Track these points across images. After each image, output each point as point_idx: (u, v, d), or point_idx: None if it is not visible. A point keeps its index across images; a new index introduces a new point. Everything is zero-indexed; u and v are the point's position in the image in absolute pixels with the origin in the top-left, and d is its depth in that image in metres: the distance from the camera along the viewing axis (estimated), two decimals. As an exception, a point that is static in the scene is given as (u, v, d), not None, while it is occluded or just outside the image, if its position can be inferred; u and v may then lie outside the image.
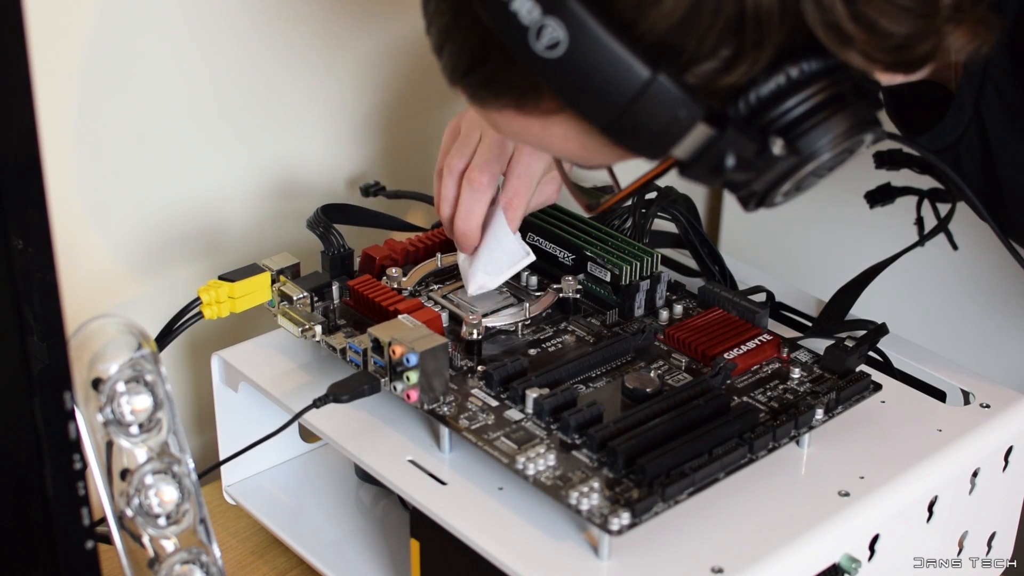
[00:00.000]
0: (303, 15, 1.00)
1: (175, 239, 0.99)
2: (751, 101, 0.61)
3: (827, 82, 0.62)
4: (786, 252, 1.32)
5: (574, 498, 0.69)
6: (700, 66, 0.60)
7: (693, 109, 0.60)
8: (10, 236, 0.54)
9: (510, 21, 0.58)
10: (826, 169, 0.65)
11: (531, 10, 0.58)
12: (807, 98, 0.61)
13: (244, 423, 0.87)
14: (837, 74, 0.62)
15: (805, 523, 0.73)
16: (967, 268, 1.17)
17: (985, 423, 0.82)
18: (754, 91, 0.61)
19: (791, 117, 0.62)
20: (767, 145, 0.62)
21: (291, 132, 1.04)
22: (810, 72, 0.61)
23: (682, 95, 0.59)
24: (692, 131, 0.61)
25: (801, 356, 0.83)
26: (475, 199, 0.85)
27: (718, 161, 0.62)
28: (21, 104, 0.52)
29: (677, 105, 0.60)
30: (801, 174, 0.63)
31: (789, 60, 0.61)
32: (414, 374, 0.75)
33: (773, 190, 0.64)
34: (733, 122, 0.61)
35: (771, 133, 0.62)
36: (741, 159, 0.62)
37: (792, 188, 0.65)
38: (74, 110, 0.90)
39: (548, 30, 0.58)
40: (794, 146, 0.62)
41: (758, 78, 0.61)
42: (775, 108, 0.61)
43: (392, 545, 0.85)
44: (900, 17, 0.61)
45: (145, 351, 0.65)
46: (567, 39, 0.58)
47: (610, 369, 0.82)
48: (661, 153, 0.63)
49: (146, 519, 0.66)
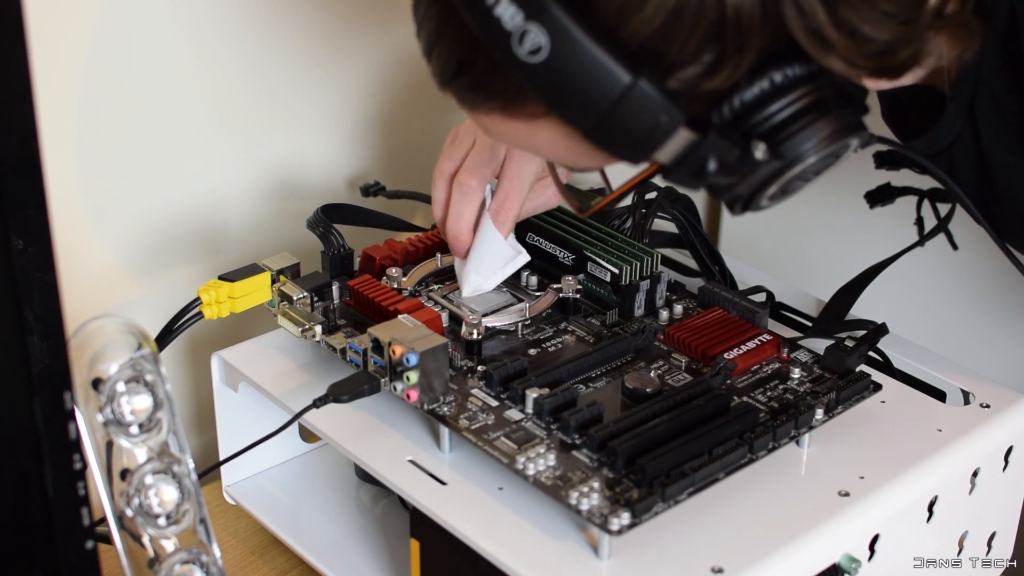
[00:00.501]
0: (304, 16, 1.00)
1: (175, 239, 0.99)
2: (734, 106, 0.62)
3: (810, 87, 0.62)
4: (786, 252, 1.32)
5: (574, 498, 0.69)
6: (682, 71, 0.60)
7: (674, 114, 0.60)
8: (10, 236, 0.54)
9: (493, 26, 0.59)
10: (812, 173, 0.65)
11: (514, 15, 0.58)
12: (790, 103, 0.62)
13: (244, 423, 0.87)
14: (820, 79, 0.62)
15: (805, 523, 0.73)
16: (967, 268, 1.17)
17: (985, 423, 0.82)
18: (737, 96, 0.61)
19: (774, 122, 0.62)
20: (749, 149, 0.62)
21: (291, 132, 1.04)
22: (793, 77, 0.62)
23: (663, 100, 0.60)
24: (674, 136, 0.61)
25: (801, 356, 0.83)
26: (465, 202, 0.86)
27: (700, 165, 0.62)
28: (21, 104, 0.52)
29: (658, 110, 0.60)
30: (785, 178, 0.64)
31: (772, 65, 0.61)
32: (414, 374, 0.75)
33: (757, 194, 0.65)
34: (715, 127, 0.62)
35: (754, 137, 0.62)
36: (723, 163, 0.62)
37: (778, 192, 0.65)
38: (74, 110, 0.90)
39: (530, 35, 0.58)
40: (777, 150, 0.62)
41: (741, 83, 0.61)
42: (758, 113, 0.62)
43: (392, 545, 0.85)
44: (882, 23, 0.61)
45: (145, 351, 0.65)
46: (549, 44, 0.58)
47: (610, 369, 0.82)
48: (643, 157, 0.63)
49: (146, 519, 0.66)
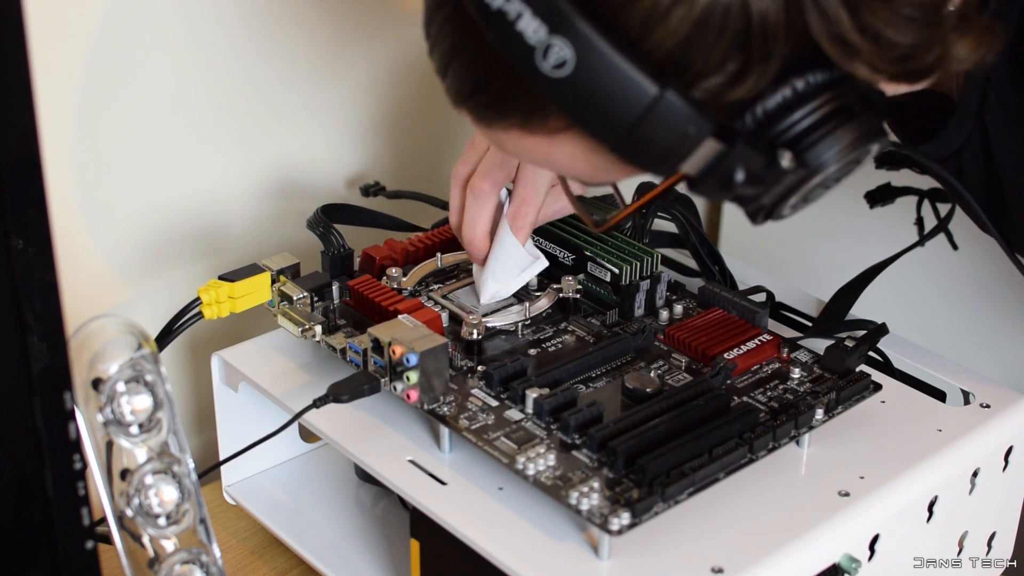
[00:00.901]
0: (304, 16, 1.00)
1: (175, 239, 0.99)
2: (758, 114, 0.61)
3: (833, 94, 0.61)
4: (786, 252, 1.32)
5: (574, 498, 0.69)
6: (707, 81, 0.59)
7: (702, 125, 0.59)
8: (10, 236, 0.53)
9: (516, 41, 0.58)
10: (833, 180, 0.64)
11: (537, 29, 0.57)
12: (814, 110, 0.61)
13: (244, 423, 0.87)
14: (843, 85, 0.61)
15: (805, 523, 0.73)
16: (967, 268, 1.17)
17: (985, 423, 0.82)
18: (761, 104, 0.60)
19: (798, 129, 0.61)
20: (775, 158, 0.61)
21: (291, 132, 1.04)
22: (816, 84, 0.61)
23: (690, 111, 0.59)
24: (701, 147, 0.60)
25: (801, 356, 0.83)
26: (478, 207, 0.85)
27: (728, 176, 0.61)
28: (21, 104, 0.52)
29: (686, 121, 0.59)
30: (809, 186, 0.63)
31: (795, 72, 0.60)
32: (414, 374, 0.75)
33: (781, 203, 0.64)
34: (741, 136, 0.61)
35: (779, 146, 0.61)
36: (750, 173, 0.61)
37: (800, 200, 0.64)
38: (75, 109, 0.90)
39: (555, 49, 0.57)
40: (802, 158, 0.61)
41: (765, 91, 0.60)
42: (783, 121, 0.61)
43: (392, 545, 0.85)
44: (905, 27, 0.60)
45: (145, 351, 0.65)
46: (574, 58, 0.57)
47: (610, 369, 0.82)
48: (671, 170, 0.62)
49: (146, 519, 0.66)
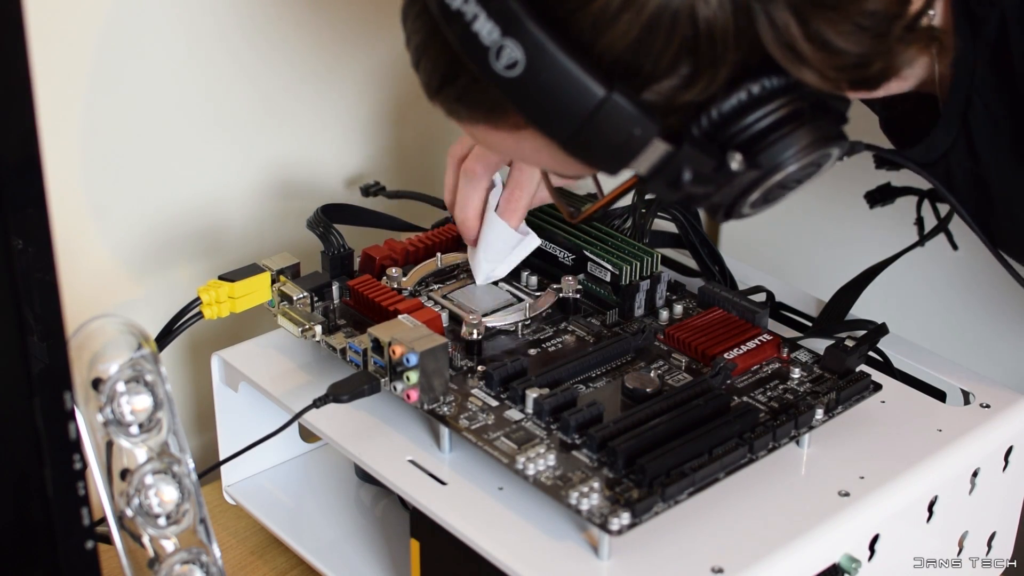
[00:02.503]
0: (304, 17, 1.00)
1: (175, 239, 0.99)
2: (712, 117, 0.63)
3: (786, 99, 0.64)
4: (786, 252, 1.32)
5: (574, 498, 0.69)
6: (659, 84, 0.62)
7: (648, 126, 0.62)
8: (10, 236, 0.53)
9: (472, 41, 0.61)
10: (793, 182, 0.67)
11: (491, 31, 0.60)
12: (765, 115, 0.63)
13: (244, 423, 0.87)
14: (796, 91, 0.64)
15: (805, 523, 0.73)
16: (967, 268, 1.17)
17: (985, 423, 0.82)
18: (714, 108, 0.63)
19: (750, 133, 0.63)
20: (725, 160, 0.63)
21: (291, 132, 1.04)
22: (769, 89, 0.63)
23: (637, 112, 0.61)
24: (649, 147, 0.63)
25: (801, 356, 0.83)
26: (471, 188, 0.87)
27: (675, 176, 0.64)
28: (21, 104, 0.52)
29: (632, 122, 0.61)
30: (763, 188, 0.65)
31: (749, 78, 0.63)
32: (414, 374, 0.75)
33: (738, 202, 0.66)
34: (690, 138, 0.63)
35: (730, 148, 0.63)
36: (698, 174, 0.64)
37: (759, 200, 0.67)
38: (75, 109, 0.90)
39: (507, 50, 0.60)
40: (754, 161, 0.64)
41: (718, 95, 0.63)
42: (734, 124, 0.63)
43: (392, 545, 0.85)
44: (855, 36, 0.62)
45: (145, 351, 0.65)
46: (524, 59, 0.60)
47: (610, 369, 0.82)
48: (619, 168, 0.64)
49: (146, 519, 0.66)
